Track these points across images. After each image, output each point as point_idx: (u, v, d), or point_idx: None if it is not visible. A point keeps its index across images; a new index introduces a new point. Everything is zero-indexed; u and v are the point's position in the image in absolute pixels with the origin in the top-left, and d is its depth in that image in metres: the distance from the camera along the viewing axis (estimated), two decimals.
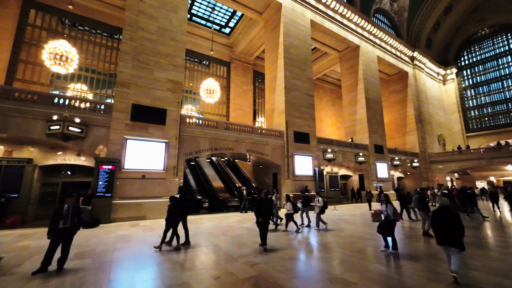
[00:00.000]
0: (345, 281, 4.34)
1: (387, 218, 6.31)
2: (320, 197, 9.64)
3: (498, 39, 33.07)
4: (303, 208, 10.21)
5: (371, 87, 25.18)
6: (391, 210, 6.29)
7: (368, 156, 22.85)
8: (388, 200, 6.50)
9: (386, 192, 22.00)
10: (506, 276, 4.58)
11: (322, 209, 9.34)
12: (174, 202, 6.68)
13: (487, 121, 33.30)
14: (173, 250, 6.31)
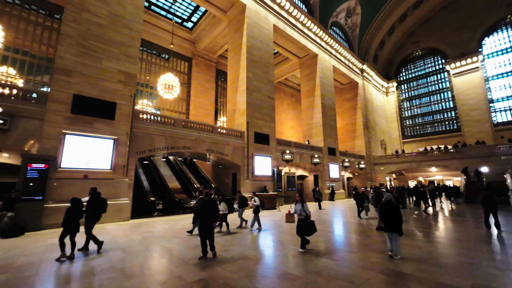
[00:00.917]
0: (292, 276, 4.56)
1: (306, 217, 6.28)
2: (256, 197, 9.52)
3: (428, 60, 39.11)
4: (239, 209, 9.96)
5: (327, 94, 27.14)
6: (308, 209, 6.36)
7: (323, 158, 24.54)
8: (303, 199, 6.52)
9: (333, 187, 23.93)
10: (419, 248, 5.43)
11: (257, 208, 9.21)
12: (74, 206, 5.71)
13: (418, 130, 39.04)
14: (103, 256, 5.77)
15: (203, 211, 5.71)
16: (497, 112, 31.73)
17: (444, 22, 36.41)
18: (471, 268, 5.01)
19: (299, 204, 6.41)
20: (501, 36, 32.22)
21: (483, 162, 23.37)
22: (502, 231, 8.61)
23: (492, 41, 32.86)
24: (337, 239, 8.02)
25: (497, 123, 31.36)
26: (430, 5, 36.11)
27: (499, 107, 31.66)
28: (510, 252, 6.23)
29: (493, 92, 32.18)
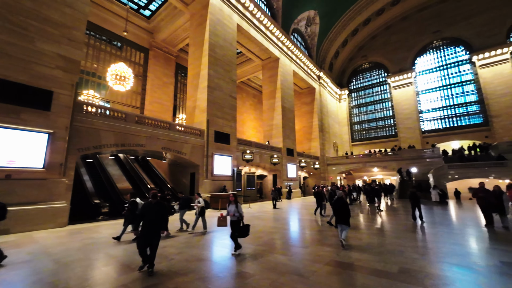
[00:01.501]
0: (245, 274, 4.62)
1: (238, 219, 6.04)
2: (201, 198, 8.93)
3: (374, 72, 44.11)
4: (180, 211, 9.21)
5: (287, 97, 28.30)
6: (242, 210, 6.17)
7: (281, 158, 25.51)
8: (236, 200, 6.28)
9: (291, 187, 25.09)
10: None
11: (202, 210, 8.74)
12: None
13: (365, 134, 43.71)
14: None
15: (147, 216, 4.79)
16: (425, 121, 37.55)
17: (387, 40, 41.50)
18: (399, 254, 5.81)
19: (232, 205, 6.12)
20: (429, 57, 38.23)
21: (413, 163, 27.40)
22: (424, 222, 10.22)
23: (423, 61, 38.76)
24: (291, 235, 8.42)
25: (424, 131, 37.11)
26: (376, 24, 40.72)
27: (426, 117, 37.52)
28: (428, 239, 7.44)
29: (422, 104, 37.98)
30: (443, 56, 37.05)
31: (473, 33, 33.92)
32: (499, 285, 4.10)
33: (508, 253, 5.87)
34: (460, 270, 4.83)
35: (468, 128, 33.71)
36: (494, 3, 32.50)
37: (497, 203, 9.06)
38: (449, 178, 22.88)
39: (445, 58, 36.83)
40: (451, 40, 36.20)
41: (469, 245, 6.81)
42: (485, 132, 31.85)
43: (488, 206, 9.23)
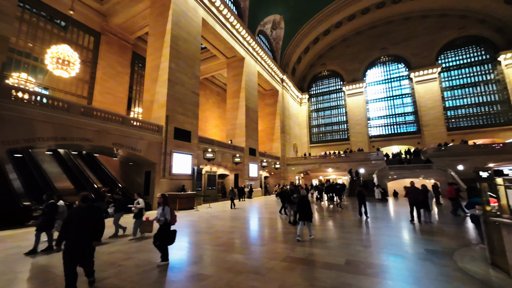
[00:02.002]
0: (202, 276, 4.49)
1: (165, 223, 5.26)
2: (140, 198, 8.00)
3: (331, 80, 47.63)
4: (115, 214, 8.11)
5: (251, 97, 28.56)
6: (168, 213, 5.36)
7: (244, 158, 25.63)
8: (166, 201, 5.54)
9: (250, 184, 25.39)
10: None
11: (140, 212, 7.76)
12: None
13: (322, 137, 46.89)
14: None
15: (76, 225, 3.76)
16: (372, 128, 42.06)
17: (343, 52, 45.23)
18: (346, 247, 6.37)
19: (160, 208, 5.42)
20: (377, 71, 42.96)
21: (361, 165, 30.42)
22: (368, 217, 11.42)
23: (372, 73, 43.35)
24: (251, 234, 8.51)
25: (371, 136, 41.55)
26: (334, 36, 43.98)
27: (373, 124, 42.07)
28: (371, 233, 8.33)
29: (371, 112, 42.48)
30: (388, 71, 42.02)
31: (411, 53, 39.30)
32: (423, 268, 4.82)
33: (431, 242, 6.95)
34: (394, 258, 5.53)
35: (405, 135, 38.90)
36: (427, 30, 38.18)
37: (423, 201, 10.25)
38: (390, 178, 26.07)
39: (389, 73, 41.82)
40: (394, 57, 41.28)
41: (402, 236, 7.84)
42: (417, 139, 37.17)
43: (415, 203, 10.38)
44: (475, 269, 4.72)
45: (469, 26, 35.55)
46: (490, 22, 34.12)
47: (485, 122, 34.19)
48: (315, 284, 4.10)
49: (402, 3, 36.87)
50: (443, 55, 37.72)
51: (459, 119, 35.74)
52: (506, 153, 24.41)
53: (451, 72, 37.05)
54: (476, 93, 35.19)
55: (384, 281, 4.28)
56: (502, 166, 4.64)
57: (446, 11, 36.30)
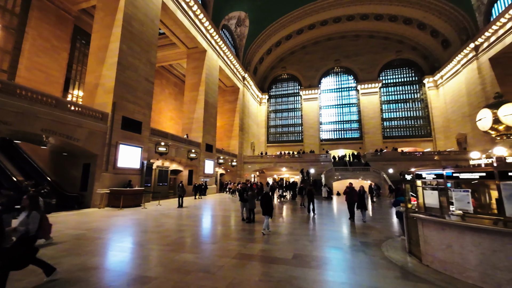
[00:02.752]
0: (146, 278, 4.17)
1: (25, 236, 3.70)
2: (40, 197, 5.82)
3: (290, 83, 49.89)
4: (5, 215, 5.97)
5: (211, 92, 27.80)
6: (35, 222, 3.81)
7: (200, 153, 24.82)
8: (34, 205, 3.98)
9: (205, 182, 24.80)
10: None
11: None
12: None
13: (278, 137, 48.79)
14: None
15: None
16: (323, 132, 45.66)
17: (302, 58, 47.80)
18: (294, 242, 6.75)
19: (24, 213, 3.84)
20: (330, 80, 46.74)
21: (312, 165, 32.73)
22: (315, 214, 12.36)
23: (326, 81, 46.99)
24: (202, 232, 8.29)
25: (322, 139, 45.10)
26: (295, 42, 46.08)
27: (325, 128, 45.72)
28: (317, 228, 9.03)
29: (323, 117, 46.04)
30: (340, 81, 46.13)
31: (359, 68, 43.99)
32: (357, 258, 5.45)
33: (364, 235, 7.91)
34: (335, 250, 6.11)
35: (350, 140, 43.38)
36: (373, 49, 43.24)
37: (359, 201, 10.73)
38: (335, 178, 28.73)
39: (341, 83, 45.98)
40: (346, 69, 45.55)
41: (342, 231, 8.73)
42: (360, 144, 41.88)
43: (353, 202, 10.68)
44: (396, 257, 5.56)
45: (404, 51, 41.61)
46: (419, 49, 40.59)
47: (411, 133, 40.66)
48: (264, 279, 4.22)
49: (355, 21, 40.84)
50: (384, 73, 43.29)
51: (392, 129, 41.61)
52: (424, 160, 29.50)
53: (389, 88, 42.81)
54: (406, 108, 41.52)
55: (326, 271, 4.69)
56: (421, 170, 5.56)
57: (388, 35, 41.69)
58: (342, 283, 4.19)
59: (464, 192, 4.58)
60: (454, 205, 4.67)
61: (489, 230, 3.99)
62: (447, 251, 4.55)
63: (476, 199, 4.68)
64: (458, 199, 4.63)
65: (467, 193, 4.53)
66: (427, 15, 34.16)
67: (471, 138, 30.27)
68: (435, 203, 4.92)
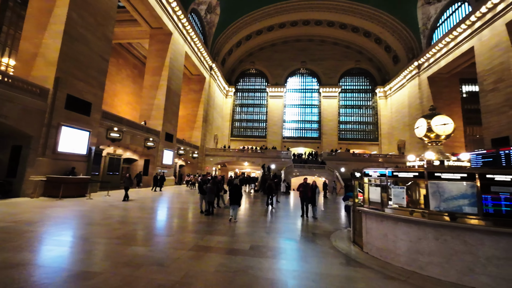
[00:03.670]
0: (88, 274, 3.78)
1: None
2: None
3: (258, 79, 50.23)
4: None
5: (175, 78, 26.23)
6: None
7: (158, 143, 23.36)
8: None
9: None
10: None
11: None
12: None
13: (242, 132, 48.90)
14: None
15: None
16: (286, 130, 47.35)
17: (271, 56, 48.45)
18: (251, 234, 6.92)
19: None
20: (296, 80, 48.53)
21: (273, 161, 33.76)
22: (274, 208, 12.83)
23: (292, 81, 48.63)
24: (157, 225, 7.88)
25: (284, 137, 46.78)
26: (265, 38, 46.36)
27: (287, 126, 47.47)
28: (274, 221, 9.39)
29: (287, 115, 47.68)
30: (304, 82, 48.21)
31: (322, 72, 46.62)
32: (309, 248, 5.86)
33: (315, 227, 8.53)
34: (290, 241, 6.46)
35: (310, 139, 45.94)
36: (335, 56, 46.21)
37: (311, 196, 10.53)
38: (294, 174, 30.18)
39: (305, 84, 48.10)
40: (310, 72, 47.77)
41: (297, 223, 9.26)
42: (318, 144, 44.69)
43: (306, 198, 10.47)
44: (342, 246, 6.14)
45: (362, 61, 45.50)
46: (374, 61, 44.87)
47: (362, 137, 45.03)
48: (221, 270, 4.23)
49: (322, 27, 42.92)
50: (344, 79, 46.72)
51: (346, 132, 45.43)
52: (371, 161, 33.02)
53: (347, 94, 46.45)
54: (359, 114, 45.69)
55: (280, 261, 4.93)
56: (368, 169, 6.21)
57: (350, 44, 44.98)
58: (294, 270, 4.46)
59: (401, 189, 5.28)
60: (392, 200, 5.35)
61: (416, 221, 4.69)
62: (383, 239, 5.21)
63: (409, 195, 5.45)
64: (396, 195, 5.33)
65: (403, 190, 5.24)
66: (383, 31, 37.86)
67: (409, 145, 34.98)
68: (378, 198, 5.56)
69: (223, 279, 3.90)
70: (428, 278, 4.28)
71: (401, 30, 35.37)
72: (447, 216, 4.58)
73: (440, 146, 6.16)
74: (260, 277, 4.03)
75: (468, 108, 31.39)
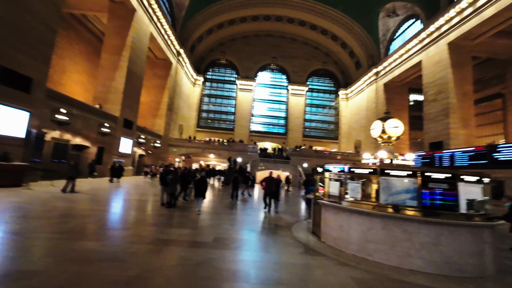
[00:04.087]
0: (26, 273, 3.31)
1: None
2: None
3: (228, 70, 49.18)
4: None
5: (137, 60, 24.12)
6: None
7: (115, 129, 21.40)
8: None
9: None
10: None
11: None
12: None
13: (209, 123, 47.69)
14: None
15: None
16: (254, 124, 47.67)
17: (242, 48, 47.81)
18: (215, 226, 6.86)
19: None
20: (266, 75, 48.87)
21: (240, 154, 33.81)
22: (238, 200, 12.90)
23: (262, 76, 48.85)
24: (111, 218, 7.27)
25: (252, 131, 47.08)
26: (237, 29, 45.48)
27: (255, 120, 47.80)
28: (237, 213, 9.46)
29: (255, 110, 47.93)
30: (274, 78, 48.89)
31: (292, 70, 47.84)
32: (271, 239, 6.06)
33: (278, 219, 8.87)
34: (253, 233, 6.60)
35: (277, 134, 47.09)
36: (305, 55, 47.76)
37: (275, 191, 10.30)
38: (259, 168, 30.71)
39: (275, 80, 48.83)
40: (280, 68, 48.59)
41: (260, 215, 9.48)
42: (284, 139, 46.09)
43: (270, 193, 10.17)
44: (302, 236, 6.50)
45: (329, 63, 47.90)
46: (339, 65, 47.64)
47: (324, 135, 47.84)
48: (182, 263, 4.11)
49: (294, 25, 43.76)
50: (311, 79, 48.67)
51: (311, 130, 47.73)
52: (330, 158, 35.37)
53: (313, 93, 48.57)
54: (323, 113, 48.32)
55: (243, 252, 5.00)
56: (329, 165, 6.63)
57: (319, 46, 46.87)
58: (256, 261, 4.58)
59: (356, 184, 5.77)
60: (349, 193, 5.82)
61: (367, 213, 5.19)
62: (339, 230, 5.66)
63: (363, 189, 5.98)
64: (352, 189, 5.80)
65: (358, 184, 5.73)
66: (349, 37, 40.32)
67: (364, 144, 38.36)
68: (337, 192, 5.99)
69: (185, 272, 3.80)
70: (375, 264, 4.80)
71: (364, 38, 38.10)
72: (392, 208, 5.17)
73: (391, 147, 6.88)
74: (223, 269, 4.03)
75: (413, 115, 35.65)
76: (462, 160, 18.03)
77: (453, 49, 22.91)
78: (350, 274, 4.24)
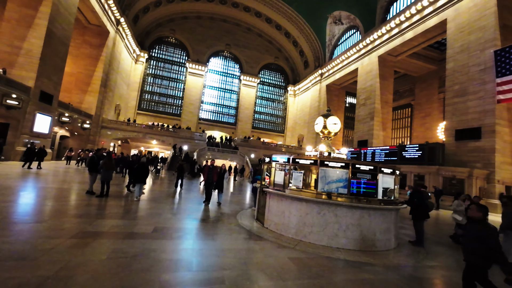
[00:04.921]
0: None
1: None
2: None
3: (177, 50, 45.17)
4: None
5: (61, 20, 19.79)
6: None
7: (27, 103, 17.34)
8: None
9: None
10: None
11: None
12: None
13: (153, 106, 43.47)
14: None
15: None
16: (203, 111, 45.87)
17: (195, 29, 44.82)
18: (156, 216, 6.41)
19: None
20: (219, 62, 47.23)
21: (186, 142, 32.23)
22: (182, 189, 12.34)
23: (214, 62, 47.02)
24: (19, 209, 5.93)
25: (201, 118, 45.28)
26: (191, 7, 42.23)
27: (205, 108, 46.05)
28: (181, 203, 9.06)
29: (205, 97, 46.09)
30: (227, 66, 47.76)
31: (245, 60, 47.64)
32: (217, 227, 6.04)
33: (224, 207, 8.90)
34: (197, 222, 6.44)
35: (226, 124, 46.61)
36: (258, 47, 48.11)
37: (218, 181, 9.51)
38: (206, 157, 29.96)
39: (227, 68, 47.76)
40: (234, 57, 47.76)
41: (199, 203, 9.33)
42: (233, 129, 46.05)
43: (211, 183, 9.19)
44: (246, 223, 6.70)
45: (280, 58, 49.58)
46: (290, 62, 49.91)
47: (272, 128, 49.87)
48: (114, 256, 3.68)
49: (250, 14, 43.32)
50: (263, 72, 49.51)
51: (260, 122, 48.99)
52: (276, 150, 37.28)
53: (264, 86, 49.65)
54: (272, 107, 50.15)
55: (186, 241, 4.82)
56: (276, 155, 6.96)
57: (272, 40, 47.86)
58: (200, 249, 4.49)
59: (299, 173, 6.23)
60: (292, 182, 6.24)
61: (306, 200, 5.70)
62: (281, 216, 6.05)
63: (304, 179, 6.52)
64: (295, 178, 6.24)
65: (301, 174, 6.20)
66: (300, 36, 42.47)
67: (306, 139, 41.76)
68: (282, 181, 6.34)
69: (117, 265, 3.42)
70: (310, 244, 5.34)
71: (313, 40, 40.77)
72: (326, 195, 5.80)
73: (329, 141, 7.65)
74: (164, 259, 3.80)
75: (347, 115, 40.60)
76: (380, 156, 21.70)
77: (381, 62, 26.85)
78: (288, 255, 4.60)
